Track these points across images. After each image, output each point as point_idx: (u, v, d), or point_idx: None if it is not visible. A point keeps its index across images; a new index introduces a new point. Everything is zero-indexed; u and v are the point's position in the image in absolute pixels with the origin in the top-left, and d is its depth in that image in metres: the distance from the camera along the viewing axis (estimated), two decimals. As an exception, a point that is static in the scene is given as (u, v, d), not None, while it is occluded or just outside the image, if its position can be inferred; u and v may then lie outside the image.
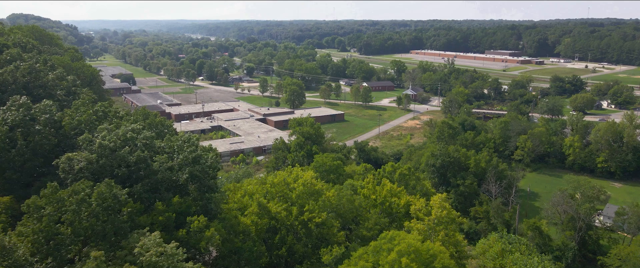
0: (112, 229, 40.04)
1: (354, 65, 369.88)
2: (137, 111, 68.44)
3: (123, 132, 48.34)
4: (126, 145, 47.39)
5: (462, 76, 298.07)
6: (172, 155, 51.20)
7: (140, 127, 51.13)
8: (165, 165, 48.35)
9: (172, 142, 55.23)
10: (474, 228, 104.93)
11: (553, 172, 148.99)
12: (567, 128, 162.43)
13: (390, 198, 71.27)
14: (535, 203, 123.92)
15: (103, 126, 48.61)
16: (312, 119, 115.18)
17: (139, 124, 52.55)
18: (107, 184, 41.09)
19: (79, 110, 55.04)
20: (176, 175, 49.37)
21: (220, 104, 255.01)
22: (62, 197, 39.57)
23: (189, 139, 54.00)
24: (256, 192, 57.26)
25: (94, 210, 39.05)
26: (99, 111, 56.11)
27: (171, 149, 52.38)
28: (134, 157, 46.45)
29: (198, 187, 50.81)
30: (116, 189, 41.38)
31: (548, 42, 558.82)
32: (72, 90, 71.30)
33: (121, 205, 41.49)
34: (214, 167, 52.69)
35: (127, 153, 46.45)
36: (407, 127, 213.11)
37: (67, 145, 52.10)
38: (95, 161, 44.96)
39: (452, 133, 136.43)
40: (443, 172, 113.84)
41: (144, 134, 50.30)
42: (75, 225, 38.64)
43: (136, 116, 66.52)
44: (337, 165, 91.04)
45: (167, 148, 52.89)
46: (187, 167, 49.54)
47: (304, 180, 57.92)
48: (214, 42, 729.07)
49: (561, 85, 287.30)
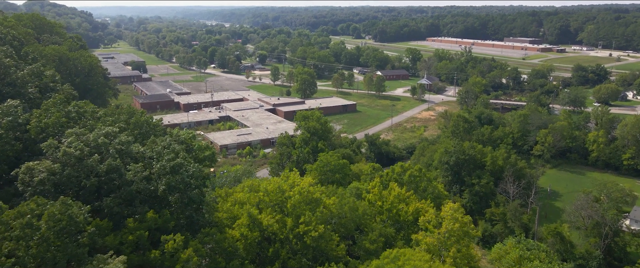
0: (65, 257, 35.04)
1: (368, 53, 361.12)
2: (122, 109, 63.59)
3: (94, 137, 43.30)
4: (97, 152, 42.42)
5: (480, 65, 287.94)
6: (152, 163, 46.07)
7: (116, 130, 46.03)
8: (141, 174, 43.22)
9: (156, 145, 50.02)
10: (490, 231, 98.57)
11: (575, 168, 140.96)
12: (591, 122, 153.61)
13: (398, 205, 65.41)
14: (556, 203, 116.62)
15: (72, 130, 43.58)
16: (318, 113, 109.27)
17: (117, 126, 47.52)
18: (63, 203, 36.05)
19: (49, 111, 50.00)
20: (155, 185, 44.30)
21: (230, 93, 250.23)
22: (5, 221, 34.69)
23: (169, 145, 48.68)
24: (247, 201, 52.00)
25: (43, 235, 34.09)
26: (72, 112, 51.00)
27: (152, 155, 47.19)
28: (104, 166, 41.49)
29: (180, 198, 45.66)
30: (75, 207, 36.31)
31: (570, 29, 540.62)
32: (51, 87, 66.25)
33: (79, 227, 36.41)
34: (198, 176, 47.34)
35: (96, 162, 41.46)
36: (421, 118, 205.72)
37: (34, 152, 47.31)
38: (59, 171, 40.08)
39: (468, 127, 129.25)
40: (457, 170, 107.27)
41: (121, 138, 45.19)
42: (20, 255, 33.76)
43: (119, 115, 61.52)
44: (343, 164, 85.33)
45: (148, 153, 47.70)
46: (164, 177, 44.33)
47: (301, 188, 52.32)
48: (228, 28, 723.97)
49: (584, 74, 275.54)
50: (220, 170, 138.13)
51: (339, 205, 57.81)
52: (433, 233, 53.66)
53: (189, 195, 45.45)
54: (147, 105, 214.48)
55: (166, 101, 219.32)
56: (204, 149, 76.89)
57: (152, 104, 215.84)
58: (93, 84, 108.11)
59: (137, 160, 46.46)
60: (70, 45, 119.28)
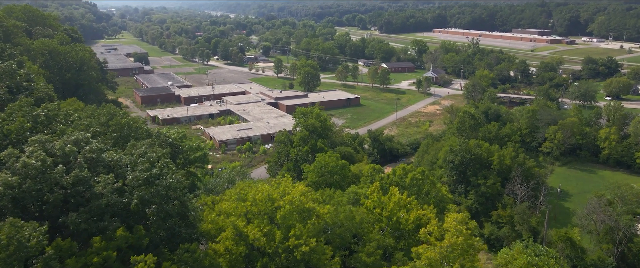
0: (11, 289, 31.30)
1: (373, 45, 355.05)
2: (101, 111, 59.48)
3: (60, 145, 39.38)
4: (63, 162, 38.57)
5: (487, 57, 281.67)
6: (126, 172, 42.08)
7: (88, 136, 42.11)
8: (111, 186, 39.31)
9: (137, 149, 45.97)
10: (496, 234, 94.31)
11: (585, 166, 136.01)
12: (602, 118, 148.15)
13: (399, 212, 61.27)
14: (565, 203, 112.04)
15: (35, 138, 39.65)
16: (318, 110, 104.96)
17: (92, 130, 43.56)
18: (11, 224, 32.18)
19: (13, 115, 45.99)
20: (129, 198, 40.39)
21: (232, 86, 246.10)
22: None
23: (145, 153, 44.65)
24: (233, 212, 48.07)
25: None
26: (41, 116, 46.96)
27: (128, 163, 43.14)
28: (70, 178, 37.66)
29: (157, 210, 41.73)
30: (28, 228, 32.50)
31: (580, 20, 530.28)
32: (25, 86, 61.93)
33: (31, 252, 32.54)
34: (176, 187, 43.30)
35: (61, 173, 37.63)
36: (427, 112, 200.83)
37: (-5, 162, 43.54)
38: (18, 185, 36.28)
39: (474, 124, 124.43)
40: (462, 169, 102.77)
41: (92, 145, 41.26)
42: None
43: (99, 117, 57.48)
44: (342, 165, 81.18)
45: (125, 160, 43.68)
46: (137, 189, 40.36)
47: (292, 198, 48.25)
48: (233, 19, 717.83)
49: (594, 67, 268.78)
50: (219, 167, 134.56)
51: (334, 214, 53.79)
52: (435, 247, 49.59)
53: (165, 208, 41.52)
54: (147, 98, 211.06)
55: (167, 94, 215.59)
56: (195, 150, 72.92)
57: (152, 97, 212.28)
58: (85, 79, 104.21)
59: (112, 169, 42.59)
60: (62, 38, 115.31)
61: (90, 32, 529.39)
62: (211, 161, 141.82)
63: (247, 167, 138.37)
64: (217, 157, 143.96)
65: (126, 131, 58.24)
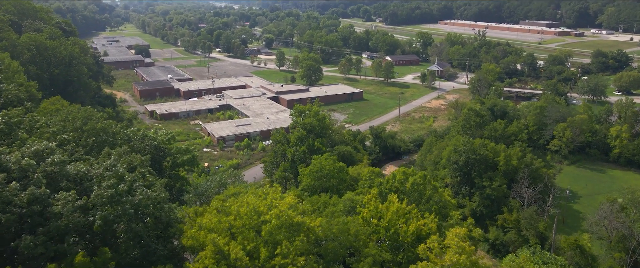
0: None
1: (377, 37, 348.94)
2: (76, 114, 55.00)
3: (16, 159, 35.53)
4: (19, 178, 34.77)
5: (494, 50, 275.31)
6: (92, 187, 38.12)
7: (52, 146, 38.17)
8: (72, 205, 35.41)
9: (110, 158, 41.91)
10: (501, 238, 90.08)
11: (595, 165, 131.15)
12: (613, 115, 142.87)
13: (397, 221, 57.18)
14: (574, 205, 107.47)
15: (-11, 150, 35.89)
16: (317, 107, 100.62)
17: (60, 138, 39.58)
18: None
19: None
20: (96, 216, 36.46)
21: (233, 79, 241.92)
22: None
23: (113, 166, 40.49)
24: (215, 227, 44.09)
25: None
26: (0, 123, 42.88)
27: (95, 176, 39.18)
28: (25, 196, 33.84)
29: (126, 229, 37.84)
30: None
31: (589, 12, 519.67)
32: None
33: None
34: (148, 204, 39.22)
35: (14, 191, 33.80)
36: (431, 107, 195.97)
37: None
38: (-37, 205, 32.56)
39: (480, 121, 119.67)
40: (467, 170, 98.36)
41: (56, 156, 37.30)
42: None
43: (72, 121, 53.26)
44: (339, 168, 77.07)
45: (95, 172, 39.68)
46: (101, 208, 36.34)
47: (279, 212, 44.20)
48: (237, 11, 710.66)
49: (604, 61, 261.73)
50: (216, 165, 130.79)
51: (327, 227, 49.73)
52: (435, 265, 45.52)
53: (134, 228, 37.57)
54: (146, 92, 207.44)
55: (166, 88, 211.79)
56: (183, 152, 68.93)
57: (151, 90, 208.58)
58: (74, 75, 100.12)
59: (79, 182, 38.67)
60: (51, 32, 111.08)
61: (92, 24, 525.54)
62: (208, 158, 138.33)
63: (245, 164, 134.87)
64: (215, 154, 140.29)
65: (102, 136, 54.12)
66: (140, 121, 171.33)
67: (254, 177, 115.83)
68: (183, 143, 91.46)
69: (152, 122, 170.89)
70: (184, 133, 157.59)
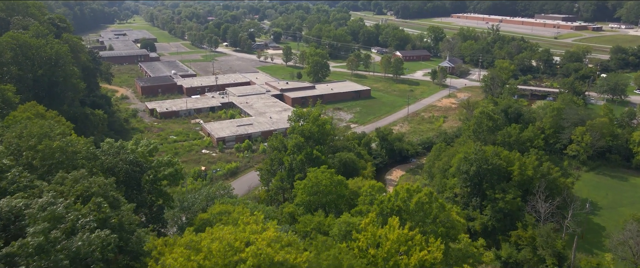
0: None
1: (387, 31, 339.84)
2: (31, 130, 48.48)
3: None
4: None
5: (508, 46, 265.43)
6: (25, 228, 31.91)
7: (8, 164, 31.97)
8: None
9: (39, 198, 34.81)
10: (515, 257, 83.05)
11: (615, 172, 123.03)
12: (636, 118, 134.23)
13: (399, 249, 50.67)
14: (594, 218, 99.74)
15: None
16: (317, 112, 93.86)
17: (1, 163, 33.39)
18: None
19: None
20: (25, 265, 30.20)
21: (237, 75, 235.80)
22: None
23: (49, 204, 34.06)
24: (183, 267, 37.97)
25: None
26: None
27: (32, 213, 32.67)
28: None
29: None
30: None
31: (607, 5, 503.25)
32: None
33: None
34: (92, 250, 32.81)
35: None
36: (441, 106, 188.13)
37: None
38: None
39: (493, 126, 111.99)
40: (478, 181, 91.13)
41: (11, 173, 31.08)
42: None
43: (27, 139, 46.93)
44: (337, 182, 70.56)
45: (36, 206, 33.45)
46: (27, 259, 30.04)
47: (257, 250, 37.91)
48: (246, 3, 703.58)
49: (624, 57, 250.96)
50: (213, 169, 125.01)
51: (316, 263, 43.34)
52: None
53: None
54: (147, 88, 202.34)
55: (168, 84, 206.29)
56: (166, 165, 62.89)
57: (153, 87, 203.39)
58: (60, 76, 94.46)
59: (13, 221, 32.60)
60: (37, 30, 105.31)
61: (101, 17, 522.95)
62: (206, 161, 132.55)
63: (244, 168, 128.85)
64: (214, 155, 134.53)
65: (59, 158, 47.83)
66: (139, 120, 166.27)
67: (249, 186, 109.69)
68: (164, 155, 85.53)
69: (151, 121, 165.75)
70: (184, 133, 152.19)
